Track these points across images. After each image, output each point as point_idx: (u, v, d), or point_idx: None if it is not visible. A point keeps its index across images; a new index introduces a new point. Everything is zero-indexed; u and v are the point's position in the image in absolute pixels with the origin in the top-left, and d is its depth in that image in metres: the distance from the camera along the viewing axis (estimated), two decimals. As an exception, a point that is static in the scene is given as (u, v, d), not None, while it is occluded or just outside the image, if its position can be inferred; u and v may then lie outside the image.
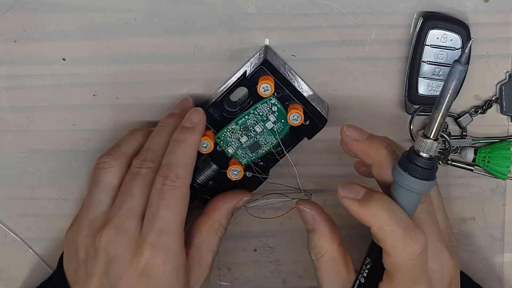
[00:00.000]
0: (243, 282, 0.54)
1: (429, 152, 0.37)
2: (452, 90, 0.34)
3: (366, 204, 0.40)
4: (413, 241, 0.38)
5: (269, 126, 0.46)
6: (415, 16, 0.47)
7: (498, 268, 0.54)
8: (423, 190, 0.39)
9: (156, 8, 0.47)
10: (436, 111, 0.35)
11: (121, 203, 0.43)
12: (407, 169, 0.38)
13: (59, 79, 0.48)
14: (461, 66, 0.34)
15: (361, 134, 0.43)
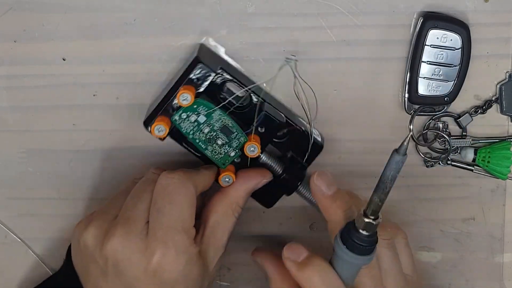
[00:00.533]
0: (243, 282, 0.54)
1: (367, 230, 0.38)
2: (390, 178, 0.36)
3: (303, 269, 0.42)
4: None
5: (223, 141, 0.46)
6: (415, 16, 0.47)
7: (498, 268, 0.54)
8: (360, 264, 0.40)
9: (156, 8, 0.47)
10: (375, 194, 0.37)
11: (131, 206, 0.43)
12: (345, 242, 0.39)
13: (59, 79, 0.48)
14: (399, 157, 0.35)
15: (328, 188, 0.45)
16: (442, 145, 0.51)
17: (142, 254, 0.41)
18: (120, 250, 0.41)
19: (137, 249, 0.41)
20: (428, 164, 0.51)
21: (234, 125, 0.46)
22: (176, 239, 0.41)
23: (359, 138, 0.50)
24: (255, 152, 0.45)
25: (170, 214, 0.41)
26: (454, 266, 0.54)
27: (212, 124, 0.46)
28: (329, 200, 0.44)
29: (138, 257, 0.41)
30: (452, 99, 0.48)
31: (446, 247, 0.53)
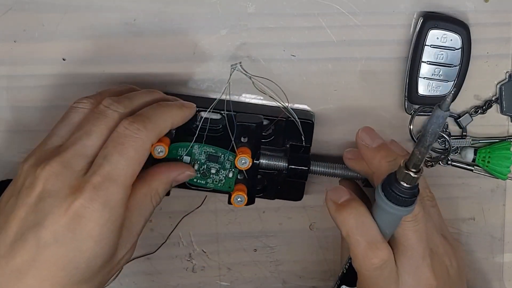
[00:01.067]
0: (243, 282, 0.54)
1: (407, 182, 0.38)
2: (431, 132, 0.36)
3: (341, 210, 0.42)
4: (373, 255, 0.40)
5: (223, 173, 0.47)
6: (415, 16, 0.47)
7: (498, 268, 0.54)
8: (400, 215, 0.40)
9: (156, 8, 0.47)
10: (416, 147, 0.37)
11: (76, 140, 0.40)
12: (385, 192, 0.39)
13: (59, 79, 0.48)
14: (441, 112, 0.36)
15: (372, 140, 0.45)
16: (442, 145, 0.51)
17: (71, 192, 0.38)
18: (51, 181, 0.38)
19: (68, 185, 0.38)
20: (428, 164, 0.51)
21: (216, 149, 0.46)
22: (110, 190, 0.38)
23: (359, 138, 0.50)
24: (247, 164, 0.45)
25: (115, 164, 0.39)
26: (454, 266, 0.54)
27: (197, 159, 0.46)
28: (373, 152, 0.44)
29: (65, 194, 0.38)
30: (452, 99, 0.48)
31: (446, 247, 0.53)
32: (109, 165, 0.39)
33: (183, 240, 0.53)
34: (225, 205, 0.52)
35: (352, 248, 0.41)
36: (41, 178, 0.38)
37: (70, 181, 0.38)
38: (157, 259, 0.53)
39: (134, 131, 0.40)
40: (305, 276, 0.54)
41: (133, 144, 0.39)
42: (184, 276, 0.54)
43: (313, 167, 0.47)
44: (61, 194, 0.38)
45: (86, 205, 0.38)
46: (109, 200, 0.38)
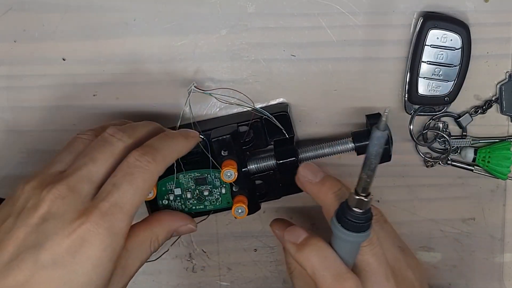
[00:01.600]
0: (243, 282, 0.54)
1: (359, 207, 0.39)
2: (374, 154, 0.36)
3: (301, 249, 0.42)
4: (341, 287, 0.40)
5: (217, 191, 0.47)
6: (415, 16, 0.47)
7: (498, 268, 0.54)
8: (357, 242, 0.41)
9: (156, 8, 0.47)
10: (363, 171, 0.38)
11: (81, 165, 0.40)
12: (340, 221, 0.40)
13: (59, 79, 0.48)
14: (380, 133, 0.36)
15: (315, 176, 0.45)
16: (442, 145, 0.51)
17: (77, 216, 0.38)
18: (57, 204, 0.38)
19: (74, 209, 0.39)
20: (428, 164, 0.51)
21: (201, 171, 0.46)
22: (115, 217, 0.39)
23: (359, 138, 0.50)
24: (233, 175, 0.45)
25: (124, 193, 0.39)
26: (454, 266, 0.54)
27: (188, 187, 0.46)
28: (318, 186, 0.44)
29: (71, 217, 0.38)
30: (452, 99, 0.48)
31: (446, 247, 0.53)
32: (117, 193, 0.39)
33: (183, 240, 0.53)
34: (225, 205, 0.52)
35: (320, 285, 0.41)
36: (46, 200, 0.39)
37: (76, 205, 0.39)
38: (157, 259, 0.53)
39: (144, 163, 0.40)
40: (305, 276, 0.54)
41: (142, 175, 0.40)
42: (184, 276, 0.54)
43: (302, 154, 0.47)
44: (67, 217, 0.38)
45: (92, 229, 0.38)
46: (113, 227, 0.39)
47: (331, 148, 0.47)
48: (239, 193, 0.47)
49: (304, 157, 0.47)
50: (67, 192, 0.39)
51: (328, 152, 0.47)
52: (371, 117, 0.47)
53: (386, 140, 0.41)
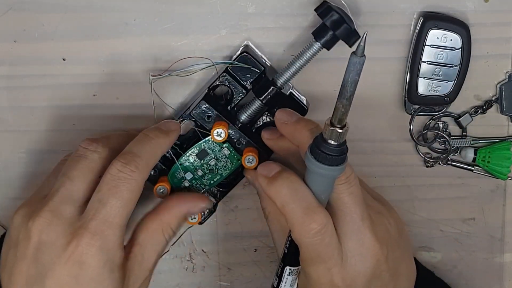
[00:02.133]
0: (243, 282, 0.54)
1: (334, 139, 0.38)
2: (350, 81, 0.35)
3: (272, 182, 0.41)
4: (310, 220, 0.39)
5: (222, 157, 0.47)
6: (415, 16, 0.47)
7: (498, 268, 0.54)
8: (332, 176, 0.39)
9: (156, 8, 0.47)
10: (338, 101, 0.36)
11: (59, 186, 0.40)
12: (314, 154, 0.38)
13: (59, 79, 0.48)
14: (357, 58, 0.34)
15: (290, 117, 0.44)
16: (442, 145, 0.51)
17: (68, 241, 0.39)
18: (45, 232, 0.39)
19: (62, 233, 0.39)
20: (428, 164, 0.51)
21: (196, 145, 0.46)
22: (105, 234, 0.39)
23: (359, 138, 0.50)
24: (224, 133, 0.45)
25: (111, 208, 0.39)
26: (454, 266, 0.54)
27: (195, 166, 0.47)
28: (293, 125, 0.44)
29: (62, 243, 0.39)
30: (452, 99, 0.48)
31: (446, 247, 0.53)
32: (104, 209, 0.39)
33: (183, 240, 0.53)
34: (225, 205, 0.52)
35: (289, 218, 0.40)
36: (34, 230, 0.39)
37: (63, 229, 0.39)
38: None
39: (128, 173, 0.40)
40: (305, 276, 0.54)
41: (128, 186, 0.40)
42: (184, 276, 0.54)
43: (279, 80, 0.46)
44: (58, 244, 0.39)
45: (85, 252, 0.38)
46: (106, 244, 0.39)
47: (302, 58, 0.45)
48: (245, 146, 0.47)
49: (282, 81, 0.46)
50: (51, 218, 0.39)
51: (302, 63, 0.46)
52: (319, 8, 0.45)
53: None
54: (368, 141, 0.50)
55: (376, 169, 0.51)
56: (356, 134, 0.50)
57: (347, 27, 0.43)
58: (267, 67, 0.47)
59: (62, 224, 0.39)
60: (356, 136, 0.50)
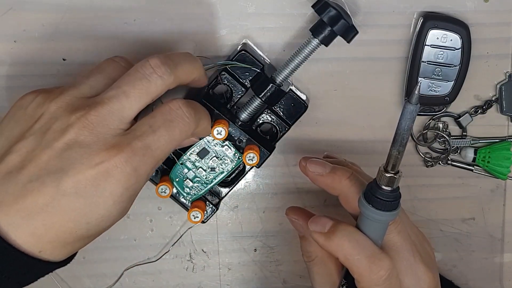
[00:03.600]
0: (243, 282, 0.54)
1: (390, 185, 0.39)
2: (405, 129, 0.36)
3: (331, 237, 0.41)
4: (378, 268, 0.40)
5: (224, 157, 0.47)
6: (415, 16, 0.47)
7: (498, 268, 0.54)
8: (387, 220, 0.40)
9: (156, 8, 0.47)
10: (393, 148, 0.37)
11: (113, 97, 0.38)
12: (370, 201, 0.39)
13: (59, 79, 0.48)
14: (412, 107, 0.35)
15: (323, 168, 0.44)
16: (442, 145, 0.51)
17: (106, 149, 0.37)
18: (85, 132, 0.37)
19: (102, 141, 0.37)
20: (428, 164, 0.51)
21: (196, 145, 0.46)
22: (145, 159, 0.38)
23: (359, 138, 0.50)
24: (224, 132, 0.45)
25: (158, 138, 0.38)
26: (454, 266, 0.54)
27: (196, 165, 0.47)
28: (329, 177, 0.44)
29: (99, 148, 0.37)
30: (452, 99, 0.48)
31: (446, 247, 0.53)
32: (153, 136, 0.38)
33: (183, 240, 0.53)
34: (225, 205, 0.52)
35: (355, 269, 0.40)
36: (74, 126, 0.37)
37: (105, 137, 0.38)
38: (158, 259, 0.53)
39: (186, 114, 0.40)
40: (305, 276, 0.54)
41: (181, 126, 0.39)
42: (184, 276, 0.54)
43: (278, 78, 0.46)
44: (94, 148, 0.37)
45: (119, 166, 0.37)
46: (140, 168, 0.38)
47: (300, 55, 0.45)
48: (246, 144, 0.47)
49: (281, 78, 0.46)
50: (97, 123, 0.38)
51: (301, 60, 0.45)
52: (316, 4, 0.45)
53: None
54: (368, 141, 0.50)
55: (376, 169, 0.51)
56: (356, 134, 0.50)
57: (345, 22, 0.43)
58: (266, 64, 0.47)
59: (104, 132, 0.38)
60: (356, 136, 0.50)
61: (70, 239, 0.38)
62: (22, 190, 0.37)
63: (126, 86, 0.39)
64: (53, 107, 0.39)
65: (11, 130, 0.39)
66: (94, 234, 0.39)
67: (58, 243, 0.38)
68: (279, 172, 0.51)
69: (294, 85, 0.48)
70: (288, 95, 0.47)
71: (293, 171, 0.51)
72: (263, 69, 0.46)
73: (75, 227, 0.37)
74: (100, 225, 0.38)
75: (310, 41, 0.45)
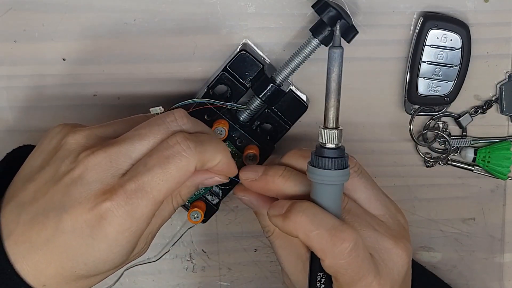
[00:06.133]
0: (243, 282, 0.54)
1: (332, 142, 0.37)
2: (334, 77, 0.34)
3: (288, 217, 0.39)
4: (341, 240, 0.37)
5: None
6: (415, 16, 0.47)
7: (498, 268, 0.54)
8: (341, 180, 0.38)
9: (156, 8, 0.47)
10: (329, 100, 0.36)
11: (126, 138, 0.38)
12: (318, 164, 0.38)
13: (59, 79, 0.48)
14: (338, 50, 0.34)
15: (255, 172, 0.42)
16: (442, 145, 0.51)
17: (103, 191, 0.37)
18: (91, 172, 0.37)
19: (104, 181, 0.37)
20: (428, 164, 0.51)
21: None
22: (139, 202, 0.37)
23: (359, 138, 0.50)
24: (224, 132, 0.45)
25: (153, 177, 0.37)
26: (454, 266, 0.54)
27: None
28: (262, 179, 0.42)
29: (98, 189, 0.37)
30: (452, 99, 0.48)
31: (446, 247, 0.53)
32: (147, 176, 0.37)
33: (183, 240, 0.53)
34: (225, 205, 0.52)
35: (317, 245, 0.38)
36: (81, 163, 0.38)
37: (107, 177, 0.37)
38: (158, 259, 0.53)
39: (184, 148, 0.38)
40: (305, 276, 0.54)
41: (178, 162, 0.37)
42: (184, 276, 0.54)
43: (278, 77, 0.46)
44: (93, 188, 0.37)
45: (112, 209, 0.37)
46: (135, 211, 0.37)
47: (300, 55, 0.45)
48: (246, 144, 0.47)
49: (281, 78, 0.46)
50: (103, 163, 0.37)
51: (301, 60, 0.45)
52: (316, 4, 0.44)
53: None
54: (368, 141, 0.50)
55: (376, 169, 0.51)
56: (356, 134, 0.50)
57: (345, 22, 0.43)
58: (266, 64, 0.47)
59: (108, 172, 0.37)
60: (356, 136, 0.50)
61: (71, 277, 0.38)
62: (31, 221, 0.37)
63: (143, 129, 0.39)
64: (72, 140, 0.39)
65: (36, 159, 0.40)
66: (96, 275, 0.39)
67: (61, 280, 0.38)
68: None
69: (294, 85, 0.48)
70: (288, 95, 0.47)
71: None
72: (263, 69, 0.46)
73: (74, 266, 0.38)
74: (98, 267, 0.38)
75: (310, 41, 0.45)
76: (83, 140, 0.39)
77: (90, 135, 0.40)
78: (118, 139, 0.39)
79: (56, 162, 0.39)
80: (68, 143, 0.39)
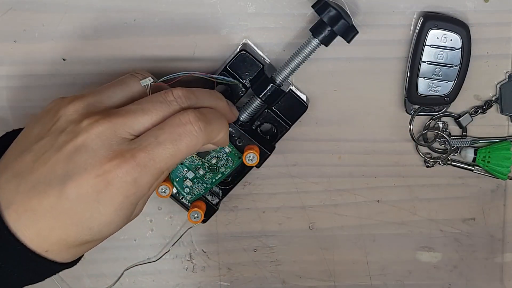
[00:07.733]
0: (243, 282, 0.54)
1: None
2: None
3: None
4: None
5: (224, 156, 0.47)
6: (415, 16, 0.47)
7: (498, 268, 0.54)
8: None
9: (156, 8, 0.47)
10: None
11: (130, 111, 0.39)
12: None
13: (59, 79, 0.48)
14: None
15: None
16: (442, 145, 0.51)
17: (110, 158, 0.38)
18: (95, 139, 0.38)
19: (109, 149, 0.38)
20: (428, 164, 0.51)
21: None
22: (147, 170, 0.38)
23: (359, 138, 0.50)
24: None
25: (163, 150, 0.39)
26: (454, 266, 0.54)
27: (196, 165, 0.47)
28: None
29: (103, 156, 0.38)
30: (452, 99, 0.48)
31: (446, 247, 0.53)
32: (157, 148, 0.38)
33: (183, 240, 0.53)
34: (225, 205, 0.52)
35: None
36: (84, 131, 0.38)
37: (112, 145, 0.38)
38: (158, 259, 0.53)
39: (195, 129, 0.39)
40: (305, 276, 0.54)
41: (188, 141, 0.39)
42: (184, 276, 0.54)
43: (278, 78, 0.46)
44: (99, 155, 0.38)
45: (121, 176, 0.38)
46: (141, 179, 0.38)
47: (300, 55, 0.45)
48: (246, 144, 0.47)
49: (281, 78, 0.46)
50: (107, 131, 0.38)
51: (301, 60, 0.45)
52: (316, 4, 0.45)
53: None
54: (368, 141, 0.50)
55: (376, 169, 0.51)
56: (356, 134, 0.50)
57: (345, 22, 0.43)
58: (266, 64, 0.47)
59: (112, 140, 0.38)
60: (356, 136, 0.50)
61: (75, 242, 0.39)
62: (31, 190, 0.38)
63: (146, 104, 0.40)
64: (70, 110, 0.40)
65: (32, 130, 0.41)
66: (98, 238, 0.40)
67: (64, 245, 0.39)
68: (278, 172, 0.51)
69: (294, 85, 0.48)
70: (288, 95, 0.47)
71: (293, 171, 0.51)
72: (263, 69, 0.46)
73: (78, 231, 0.38)
74: (102, 231, 0.39)
75: (310, 41, 0.45)
76: (82, 110, 0.40)
77: (88, 104, 0.40)
78: (122, 110, 0.40)
79: (56, 132, 0.39)
80: (67, 113, 0.40)
